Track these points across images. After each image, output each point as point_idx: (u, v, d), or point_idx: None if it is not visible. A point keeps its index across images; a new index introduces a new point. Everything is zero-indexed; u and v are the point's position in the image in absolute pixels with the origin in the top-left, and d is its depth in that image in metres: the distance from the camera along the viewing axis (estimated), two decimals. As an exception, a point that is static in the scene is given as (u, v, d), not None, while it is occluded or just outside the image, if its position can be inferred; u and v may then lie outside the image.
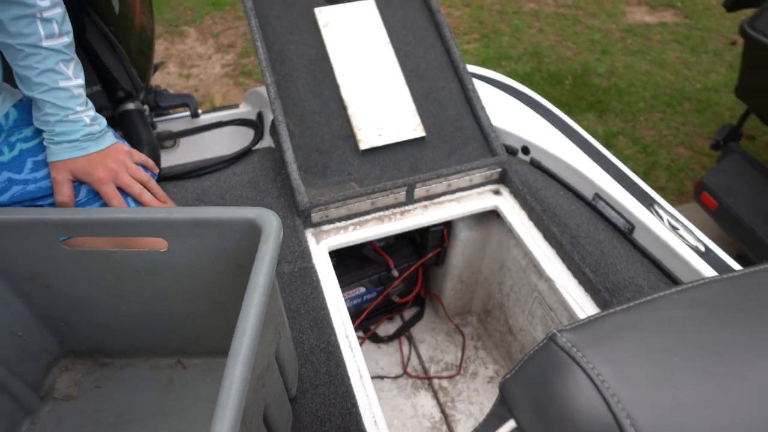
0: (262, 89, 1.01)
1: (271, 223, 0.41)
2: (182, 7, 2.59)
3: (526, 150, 0.87)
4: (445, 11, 2.62)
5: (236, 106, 1.13)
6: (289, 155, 0.75)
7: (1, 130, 0.61)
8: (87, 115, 0.60)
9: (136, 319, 0.54)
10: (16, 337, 0.51)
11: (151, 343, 0.57)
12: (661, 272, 0.70)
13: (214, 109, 1.12)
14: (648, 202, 0.76)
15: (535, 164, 0.86)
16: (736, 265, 0.68)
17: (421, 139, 0.80)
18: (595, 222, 0.77)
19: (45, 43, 0.57)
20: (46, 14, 0.57)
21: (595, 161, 0.82)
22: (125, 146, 0.64)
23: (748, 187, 1.32)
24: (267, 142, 0.98)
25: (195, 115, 1.06)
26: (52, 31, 0.57)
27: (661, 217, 0.73)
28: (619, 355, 0.20)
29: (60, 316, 0.54)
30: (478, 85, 0.89)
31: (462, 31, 2.46)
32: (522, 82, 2.08)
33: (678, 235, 0.70)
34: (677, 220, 0.72)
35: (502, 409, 0.24)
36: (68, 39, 0.59)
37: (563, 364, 0.20)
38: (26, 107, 0.63)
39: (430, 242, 0.87)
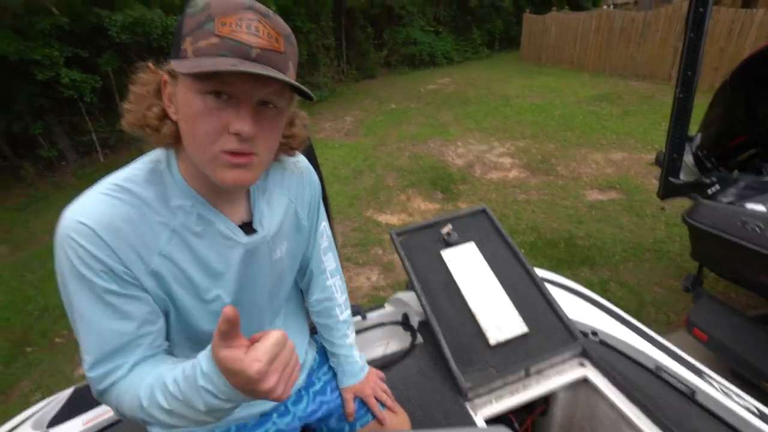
0: (404, 295, 1.31)
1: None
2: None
3: (594, 333, 1.13)
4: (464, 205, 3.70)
5: (382, 306, 1.34)
6: (447, 352, 1.00)
7: (312, 369, 0.89)
8: (359, 356, 0.90)
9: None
10: None
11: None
12: (729, 428, 0.84)
13: (369, 309, 1.32)
14: (698, 372, 0.94)
15: (604, 344, 1.11)
16: None
17: (526, 333, 1.06)
18: (662, 387, 0.95)
19: (341, 318, 0.89)
20: (340, 301, 0.89)
21: (646, 340, 1.06)
22: (374, 371, 0.92)
23: (726, 322, 1.67)
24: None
25: (364, 317, 1.27)
26: (342, 310, 0.90)
27: (712, 384, 0.91)
28: None
29: None
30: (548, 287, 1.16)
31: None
32: (530, 249, 2.97)
33: (733, 400, 0.86)
34: (727, 387, 0.90)
35: None
36: (349, 311, 0.90)
37: None
38: (323, 352, 0.93)
39: (538, 403, 1.08)
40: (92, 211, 0.52)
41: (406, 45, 11.34)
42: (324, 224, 0.85)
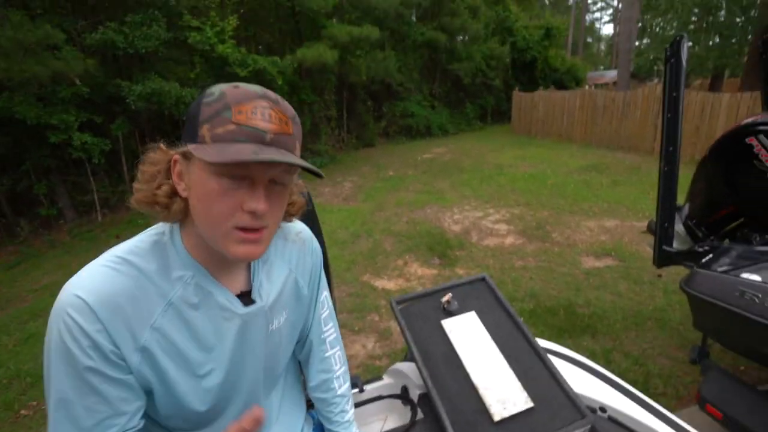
0: (403, 365, 1.25)
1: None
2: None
3: (603, 410, 1.08)
4: (464, 273, 3.67)
5: (380, 378, 1.28)
6: (450, 429, 0.95)
7: None
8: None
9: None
10: None
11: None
12: None
13: (367, 381, 1.26)
14: None
15: (614, 420, 1.06)
16: None
17: (531, 408, 1.00)
18: None
19: (339, 392, 0.86)
20: (339, 373, 0.87)
21: (658, 418, 1.02)
22: None
23: (740, 397, 1.59)
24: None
25: (361, 390, 1.20)
26: (341, 383, 0.87)
27: None
28: None
29: None
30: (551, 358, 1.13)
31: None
32: (530, 317, 2.91)
33: None
34: None
35: None
36: (348, 384, 0.89)
37: None
38: (320, 428, 0.90)
39: None
40: (91, 284, 0.53)
41: (404, 117, 12.10)
42: (325, 294, 0.84)
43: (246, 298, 0.65)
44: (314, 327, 0.83)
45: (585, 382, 1.15)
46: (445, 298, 1.25)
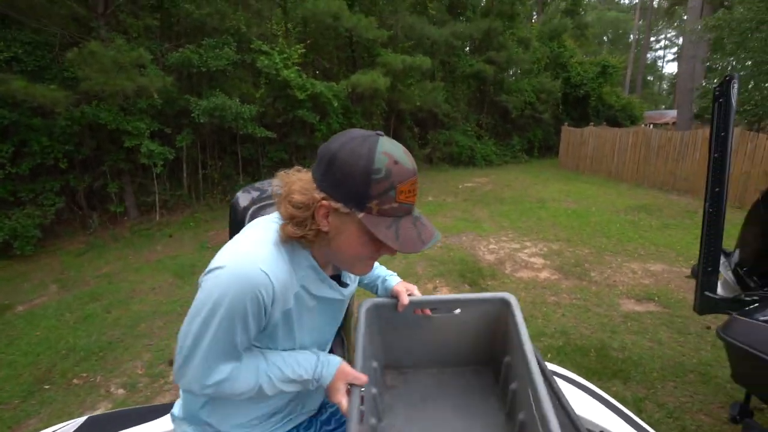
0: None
1: (514, 297, 0.95)
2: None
3: None
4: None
5: None
6: None
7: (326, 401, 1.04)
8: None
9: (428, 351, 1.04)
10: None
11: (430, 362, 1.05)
12: None
13: None
14: None
15: None
16: None
17: None
18: None
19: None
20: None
21: None
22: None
23: None
24: None
25: None
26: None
27: None
28: None
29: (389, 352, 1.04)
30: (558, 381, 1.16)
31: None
32: (557, 354, 2.81)
33: None
34: None
35: None
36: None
37: None
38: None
39: None
40: (268, 260, 0.68)
41: (448, 145, 12.21)
42: None
43: (337, 280, 0.85)
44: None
45: (587, 405, 1.15)
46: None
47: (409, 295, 1.00)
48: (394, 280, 1.07)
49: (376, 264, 1.08)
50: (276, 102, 7.89)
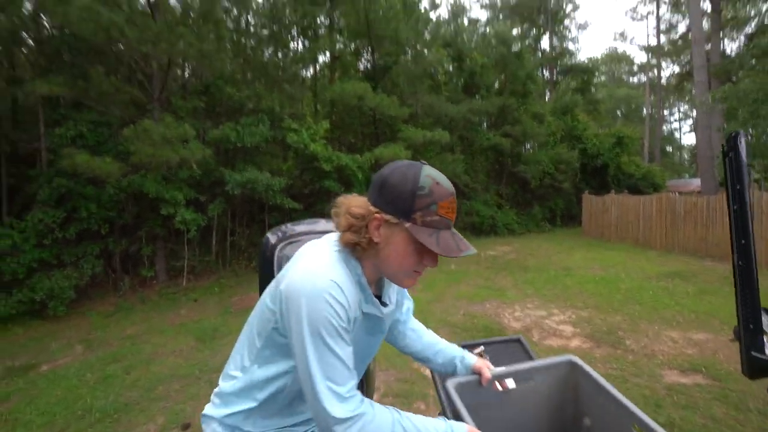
0: None
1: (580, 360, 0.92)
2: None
3: None
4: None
5: None
6: None
7: None
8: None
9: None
10: None
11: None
12: None
13: None
14: None
15: None
16: None
17: None
18: None
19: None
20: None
21: None
22: None
23: None
24: None
25: None
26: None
27: None
28: None
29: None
30: None
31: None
32: (597, 427, 2.54)
33: None
34: None
35: None
36: None
37: None
38: None
39: None
40: (336, 273, 0.77)
41: (470, 215, 12.35)
42: (407, 303, 1.16)
43: (378, 299, 0.92)
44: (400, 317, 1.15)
45: None
46: (477, 351, 1.29)
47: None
48: (472, 359, 1.13)
49: (453, 345, 1.17)
50: (303, 174, 8.40)
